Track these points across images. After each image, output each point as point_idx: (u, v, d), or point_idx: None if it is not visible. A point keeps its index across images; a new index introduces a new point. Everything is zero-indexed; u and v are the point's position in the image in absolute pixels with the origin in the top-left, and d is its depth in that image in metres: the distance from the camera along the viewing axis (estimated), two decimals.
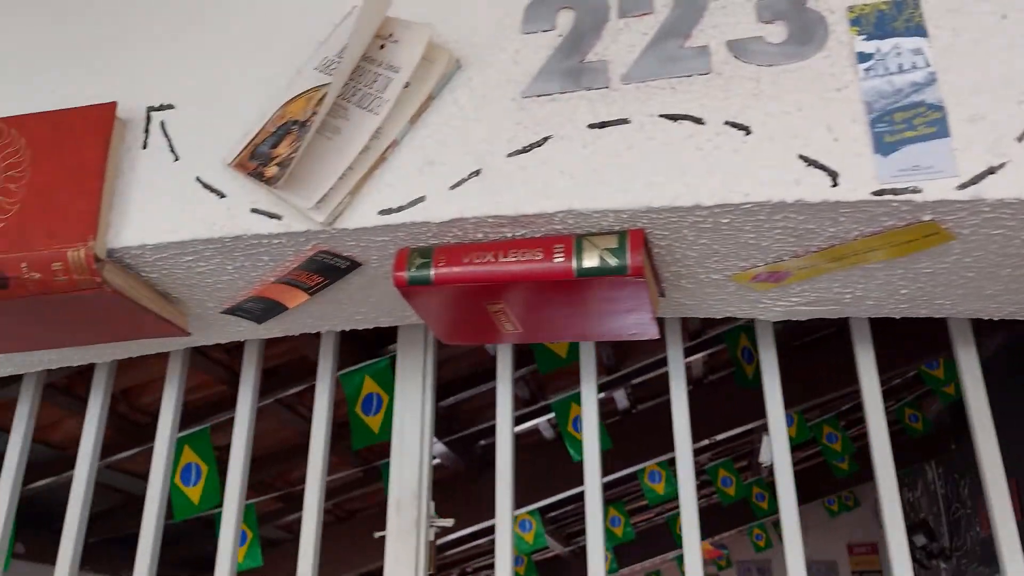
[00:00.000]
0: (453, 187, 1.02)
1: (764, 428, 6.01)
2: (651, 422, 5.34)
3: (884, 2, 0.96)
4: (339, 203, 1.02)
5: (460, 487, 4.90)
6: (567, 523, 7.06)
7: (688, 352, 4.53)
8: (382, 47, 1.07)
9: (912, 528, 7.83)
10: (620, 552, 7.70)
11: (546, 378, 4.46)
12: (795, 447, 6.39)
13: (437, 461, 4.46)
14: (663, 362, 4.71)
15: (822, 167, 0.91)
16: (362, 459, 4.68)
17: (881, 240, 0.95)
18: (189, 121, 1.13)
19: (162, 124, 1.14)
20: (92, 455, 1.53)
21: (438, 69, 1.05)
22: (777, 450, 1.31)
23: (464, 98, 1.06)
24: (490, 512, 1.45)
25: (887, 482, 1.25)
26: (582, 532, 7.32)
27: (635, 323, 1.12)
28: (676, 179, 0.95)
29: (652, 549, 8.58)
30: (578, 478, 1.43)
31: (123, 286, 1.09)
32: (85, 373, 1.49)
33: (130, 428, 3.38)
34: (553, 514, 6.40)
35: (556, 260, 1.00)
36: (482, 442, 4.94)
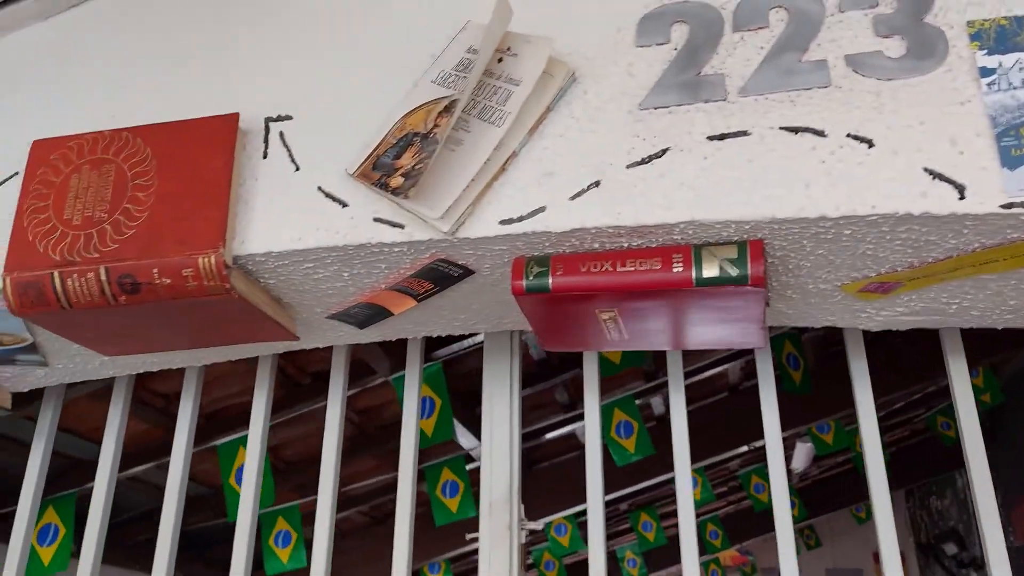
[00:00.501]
0: (573, 198, 1.04)
1: (798, 435, 6.01)
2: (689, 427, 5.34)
3: (1004, 17, 0.98)
4: (462, 213, 1.05)
5: None
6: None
7: (726, 360, 4.54)
8: (500, 60, 1.10)
9: (942, 536, 7.77)
10: (650, 557, 7.68)
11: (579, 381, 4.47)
12: (826, 455, 6.38)
13: (474, 465, 4.49)
14: (701, 369, 4.70)
15: (949, 180, 0.93)
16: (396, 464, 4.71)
17: (1003, 252, 0.96)
18: (307, 131, 1.17)
19: (281, 134, 1.17)
20: (184, 458, 1.56)
21: (556, 82, 1.08)
22: (870, 455, 1.32)
23: (580, 110, 1.08)
24: (537, 508, 1.47)
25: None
26: (613, 536, 7.32)
27: (743, 332, 1.14)
28: (799, 191, 0.97)
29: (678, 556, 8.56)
30: (615, 483, 1.46)
31: (247, 292, 1.13)
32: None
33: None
34: (583, 519, 6.42)
35: (675, 270, 1.02)
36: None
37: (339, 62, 1.20)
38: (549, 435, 4.77)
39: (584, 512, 5.35)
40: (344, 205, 1.11)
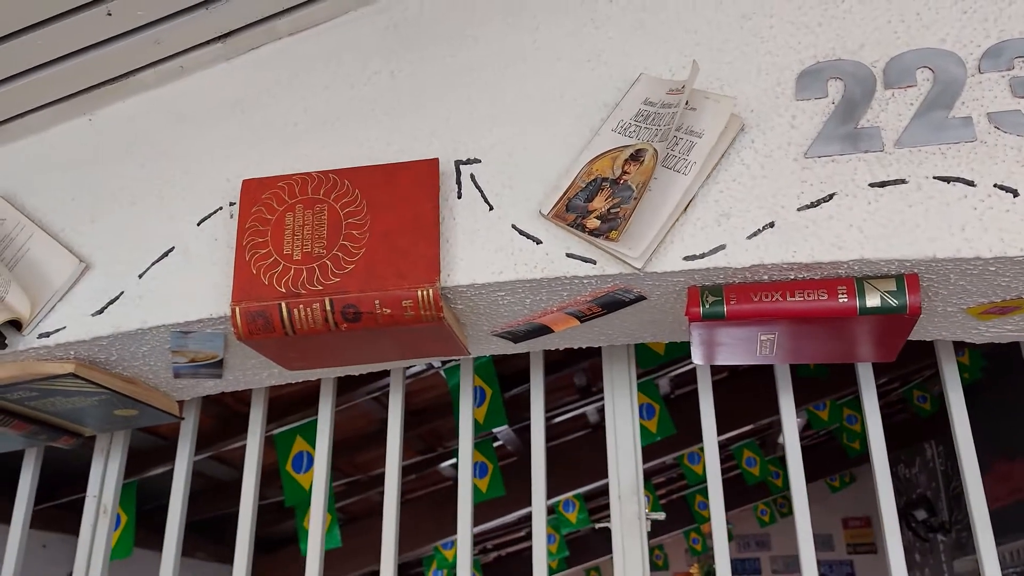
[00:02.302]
0: (750, 237, 1.19)
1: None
2: (691, 406, 5.56)
3: None
4: (653, 251, 1.20)
5: (519, 469, 5.11)
6: (603, 502, 7.27)
7: None
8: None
9: (914, 503, 8.16)
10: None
11: (597, 368, 4.67)
12: (813, 429, 6.69)
13: (499, 443, 4.66)
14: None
15: None
16: (419, 451, 4.87)
17: None
18: (494, 173, 1.30)
19: (472, 176, 1.30)
20: (327, 460, 1.70)
21: (729, 133, 1.22)
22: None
23: (750, 158, 1.23)
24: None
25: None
26: (602, 508, 7.55)
27: (881, 349, 1.31)
28: (956, 234, 1.13)
29: (669, 525, 8.88)
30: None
31: (448, 317, 1.26)
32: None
33: (232, 417, 3.54)
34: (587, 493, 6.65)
35: (840, 300, 1.18)
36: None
37: (518, 110, 1.33)
38: (561, 417, 4.97)
39: (595, 490, 5.55)
40: (538, 242, 1.25)
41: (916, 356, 5.10)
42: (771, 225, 1.19)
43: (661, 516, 1.69)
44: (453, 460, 5.01)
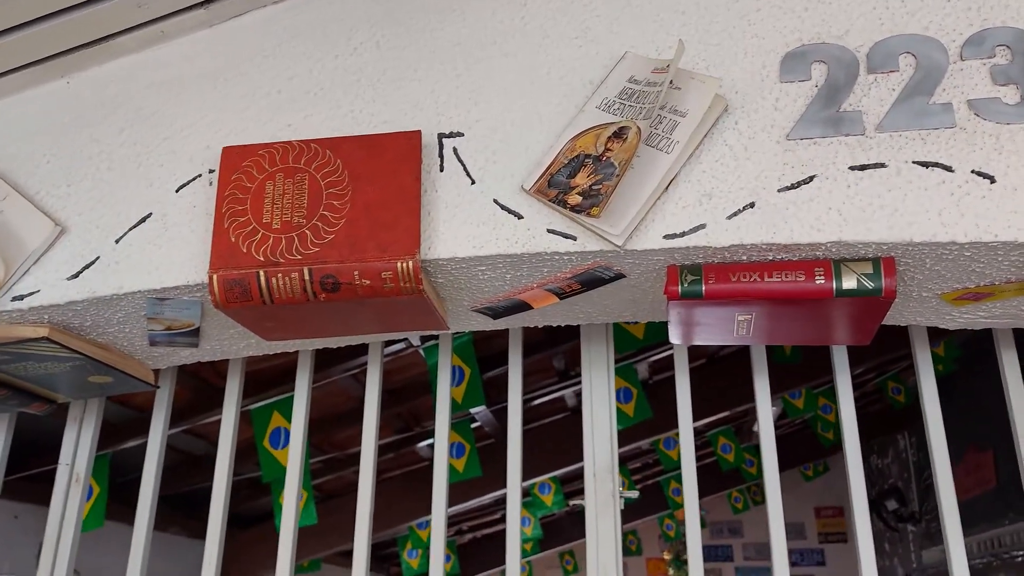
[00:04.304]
0: (730, 217, 1.20)
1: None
2: (668, 392, 5.60)
3: None
4: (634, 228, 1.20)
5: (497, 450, 5.13)
6: (578, 486, 7.32)
7: None
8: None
9: (885, 493, 8.28)
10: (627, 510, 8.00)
11: (575, 351, 4.69)
12: (787, 418, 6.76)
13: (477, 424, 4.67)
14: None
15: None
16: (396, 430, 4.88)
17: None
18: (477, 148, 1.29)
19: (455, 150, 1.29)
20: (303, 433, 1.69)
21: (713, 114, 1.23)
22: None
23: (733, 139, 1.24)
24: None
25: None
26: (578, 492, 7.62)
27: (857, 332, 1.32)
28: (934, 218, 1.14)
29: (643, 510, 8.96)
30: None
31: (427, 290, 1.26)
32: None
33: (209, 391, 3.51)
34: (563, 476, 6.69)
35: (817, 281, 1.19)
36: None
37: (503, 85, 1.32)
38: (539, 400, 4.99)
39: (570, 473, 5.58)
40: (519, 217, 1.25)
41: (892, 347, 5.17)
42: (751, 206, 1.20)
43: (635, 495, 1.71)
44: (430, 440, 5.02)
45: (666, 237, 1.21)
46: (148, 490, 1.65)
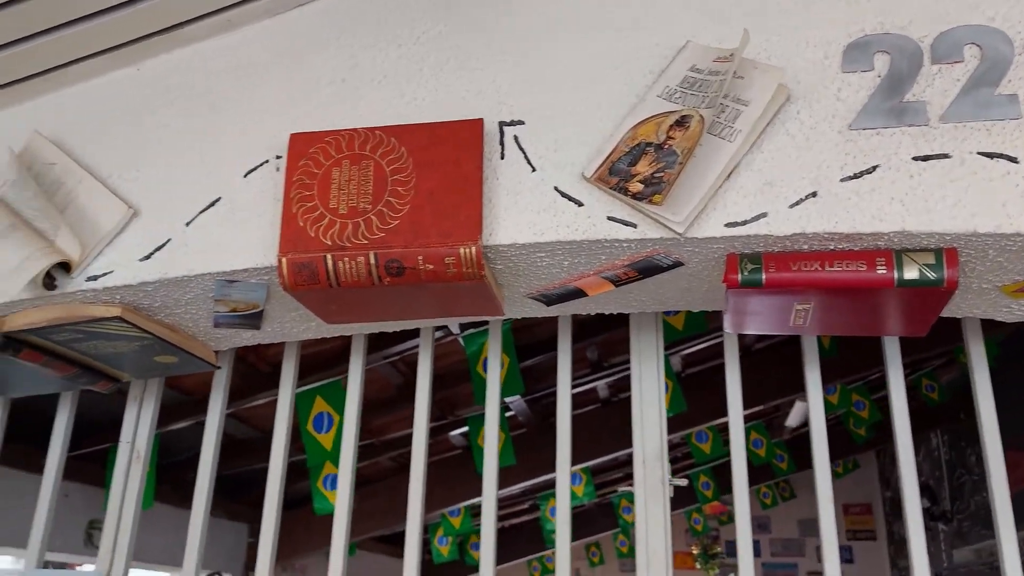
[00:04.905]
0: (792, 206, 1.21)
1: (800, 396, 6.31)
2: (700, 386, 5.60)
3: None
4: (695, 216, 1.21)
5: (528, 440, 5.17)
6: (608, 478, 7.35)
7: None
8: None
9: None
10: None
11: (609, 343, 4.70)
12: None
13: (511, 413, 4.71)
14: (708, 332, 4.88)
15: None
16: (433, 416, 4.92)
17: None
18: (538, 136, 1.31)
19: (516, 138, 1.31)
20: (357, 414, 1.73)
21: (775, 103, 1.23)
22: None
23: (794, 128, 1.24)
24: (551, 461, 1.67)
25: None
26: (608, 483, 7.61)
27: (914, 323, 1.32)
28: (998, 209, 1.14)
29: (677, 504, 8.94)
30: (626, 439, 1.69)
31: (488, 276, 1.28)
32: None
33: (253, 376, 3.58)
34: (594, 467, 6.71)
35: (879, 271, 1.20)
36: (550, 400, 5.18)
37: (563, 74, 1.34)
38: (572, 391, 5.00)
39: (601, 464, 5.59)
40: (580, 204, 1.26)
41: (927, 344, 5.11)
42: (813, 195, 1.20)
43: (684, 482, 1.72)
44: (463, 429, 5.06)
45: (727, 225, 1.22)
46: (206, 470, 1.70)
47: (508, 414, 4.47)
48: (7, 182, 1.34)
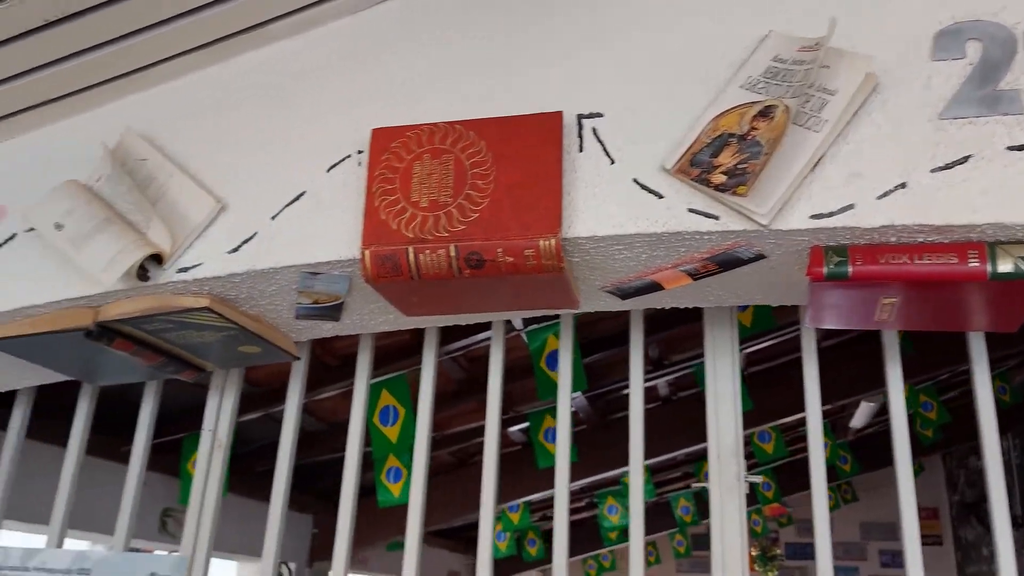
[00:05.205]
0: (880, 197, 1.18)
1: (867, 396, 6.16)
2: (762, 385, 5.50)
3: None
4: (780, 208, 1.20)
5: (587, 437, 5.16)
6: (665, 477, 7.28)
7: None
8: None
9: (985, 496, 7.93)
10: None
11: (670, 340, 4.65)
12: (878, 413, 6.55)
13: (572, 410, 4.70)
14: (774, 329, 4.77)
15: None
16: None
17: None
18: (616, 128, 1.31)
19: (594, 130, 1.31)
20: (430, 405, 1.75)
21: (863, 93, 1.21)
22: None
23: (881, 118, 1.21)
24: (611, 459, 1.65)
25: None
26: (665, 483, 7.55)
27: (1004, 318, 1.28)
28: None
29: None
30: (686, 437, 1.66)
31: (567, 269, 1.29)
32: None
33: (319, 369, 3.64)
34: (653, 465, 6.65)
35: (971, 264, 1.16)
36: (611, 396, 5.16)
37: (641, 66, 1.33)
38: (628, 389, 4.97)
39: (661, 463, 5.55)
40: (660, 196, 1.26)
41: (1000, 344, 4.94)
42: (903, 186, 1.18)
43: (759, 479, 1.70)
44: (524, 424, 5.08)
45: (812, 217, 1.20)
46: (284, 459, 1.74)
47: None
48: (102, 177, 1.39)
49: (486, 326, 3.21)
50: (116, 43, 1.42)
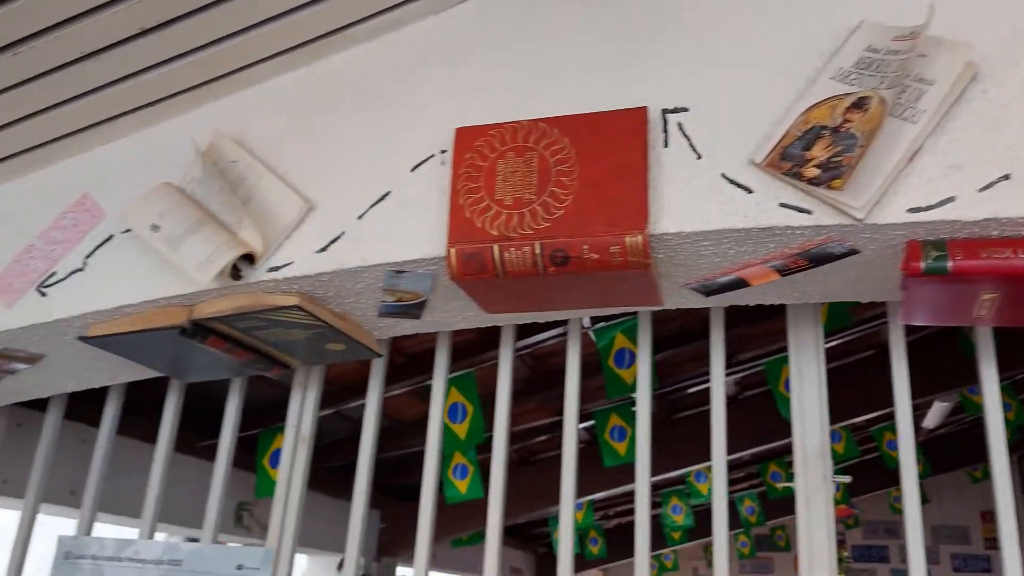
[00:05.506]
0: (982, 189, 1.14)
1: (941, 396, 5.97)
2: (830, 384, 5.37)
3: None
4: (876, 202, 1.16)
5: (653, 435, 5.11)
6: (730, 477, 7.18)
7: (880, 316, 4.56)
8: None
9: None
10: (775, 506, 7.78)
11: (739, 339, 4.58)
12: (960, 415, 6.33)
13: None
14: (848, 327, 4.64)
15: None
16: (556, 412, 4.94)
17: None
18: (702, 122, 1.29)
19: (679, 125, 1.30)
20: (508, 401, 1.75)
21: (961, 82, 1.17)
22: None
23: (982, 108, 1.17)
24: (675, 458, 1.62)
25: None
26: (733, 482, 7.44)
27: None
28: None
29: (788, 509, 8.64)
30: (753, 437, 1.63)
31: (653, 265, 1.28)
32: None
33: (388, 366, 3.69)
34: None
35: None
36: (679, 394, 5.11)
37: (727, 59, 1.31)
38: (695, 388, 4.92)
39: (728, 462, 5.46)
40: (749, 191, 1.24)
41: None
42: (1006, 177, 1.14)
43: (847, 479, 1.66)
44: (589, 423, 5.06)
45: (910, 211, 1.17)
46: (366, 453, 1.77)
47: (634, 408, 4.43)
48: (194, 179, 1.43)
49: (551, 324, 3.22)
50: (206, 49, 1.46)
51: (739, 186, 1.24)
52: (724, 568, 1.54)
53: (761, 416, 4.83)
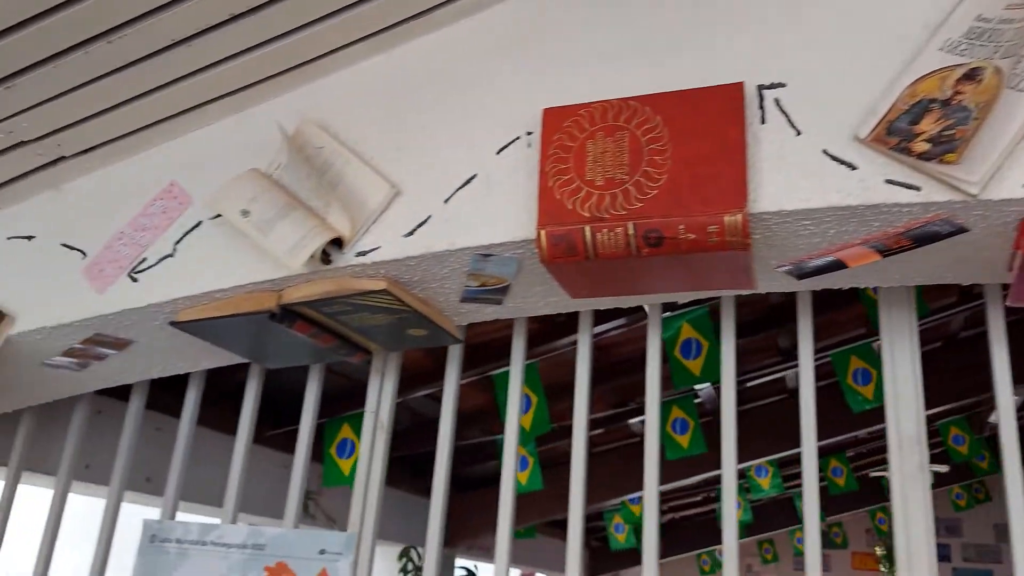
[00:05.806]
0: None
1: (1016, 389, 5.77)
2: None
3: None
4: (991, 176, 1.11)
5: (712, 428, 5.04)
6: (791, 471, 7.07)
7: (949, 307, 4.42)
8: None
9: None
10: (834, 502, 7.63)
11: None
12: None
13: (699, 400, 4.61)
14: (926, 315, 4.52)
15: None
16: (612, 405, 4.90)
17: None
18: (800, 98, 1.25)
19: (776, 101, 1.26)
20: (587, 389, 1.73)
21: None
22: None
23: None
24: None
25: None
26: (790, 477, 7.31)
27: None
28: None
29: (850, 503, 8.47)
30: (822, 430, 1.57)
31: (751, 245, 1.24)
32: None
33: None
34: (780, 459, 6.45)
35: None
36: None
37: (826, 32, 1.27)
38: (756, 380, 4.83)
39: (788, 457, 5.36)
40: (853, 168, 1.19)
41: None
42: None
43: (944, 468, 1.61)
44: (642, 417, 5.01)
45: None
46: (445, 441, 1.76)
47: (696, 400, 4.38)
48: (280, 165, 1.44)
49: (612, 315, 3.19)
50: (290, 35, 1.46)
51: (842, 162, 1.20)
52: (816, 558, 1.50)
53: (825, 409, 4.73)
